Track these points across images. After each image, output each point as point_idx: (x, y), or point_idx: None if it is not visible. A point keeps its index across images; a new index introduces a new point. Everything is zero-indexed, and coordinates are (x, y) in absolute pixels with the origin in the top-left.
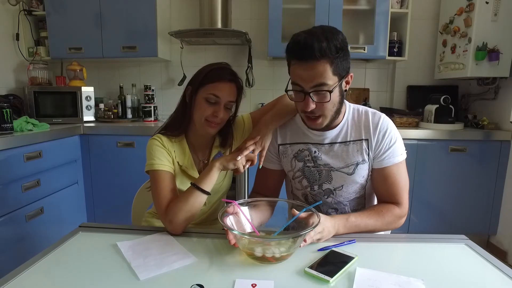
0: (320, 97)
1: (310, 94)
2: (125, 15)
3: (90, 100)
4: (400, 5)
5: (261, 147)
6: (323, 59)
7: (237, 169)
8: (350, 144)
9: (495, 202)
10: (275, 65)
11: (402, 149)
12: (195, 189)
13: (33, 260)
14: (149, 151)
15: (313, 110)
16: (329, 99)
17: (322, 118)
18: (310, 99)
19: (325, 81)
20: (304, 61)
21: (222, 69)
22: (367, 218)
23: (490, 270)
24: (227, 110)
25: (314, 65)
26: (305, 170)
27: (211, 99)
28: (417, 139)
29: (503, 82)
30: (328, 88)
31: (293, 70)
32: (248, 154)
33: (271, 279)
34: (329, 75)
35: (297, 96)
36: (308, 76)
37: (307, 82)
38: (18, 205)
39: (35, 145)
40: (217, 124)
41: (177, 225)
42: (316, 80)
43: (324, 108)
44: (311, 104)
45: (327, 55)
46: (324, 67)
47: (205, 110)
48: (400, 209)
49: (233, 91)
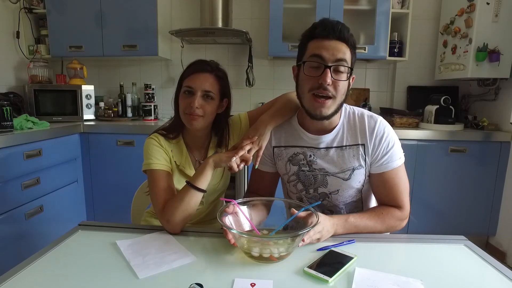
0: (338, 74)
1: (331, 68)
2: (126, 14)
3: (90, 98)
4: (401, 5)
5: (258, 146)
6: (347, 44)
7: (231, 168)
8: (346, 149)
9: (495, 203)
10: (276, 65)
11: (400, 152)
12: (190, 188)
13: (33, 258)
14: (146, 150)
15: (327, 88)
16: (346, 79)
17: (332, 101)
18: (329, 73)
19: (347, 59)
20: (331, 37)
21: (198, 62)
22: (367, 220)
23: (489, 271)
24: (208, 100)
25: (339, 43)
26: (300, 174)
27: (187, 90)
28: (417, 139)
29: (504, 83)
30: (349, 65)
31: (315, 43)
32: (243, 154)
33: (270, 279)
34: (348, 57)
35: (315, 70)
36: (333, 50)
37: (330, 54)
38: (18, 203)
39: (35, 143)
40: (198, 116)
41: (175, 224)
42: (340, 55)
43: (338, 89)
44: (328, 79)
45: (350, 43)
46: (346, 49)
47: (183, 103)
48: (401, 212)
49: (209, 81)
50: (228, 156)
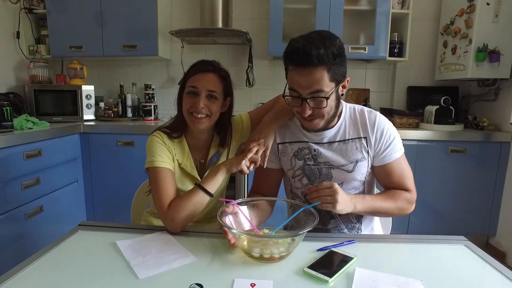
0: (317, 103)
1: (307, 100)
2: (126, 14)
3: (90, 98)
4: (401, 5)
5: (265, 147)
6: (321, 66)
7: (242, 171)
8: (349, 142)
9: (495, 203)
10: (276, 65)
11: (401, 143)
12: (200, 190)
13: (32, 258)
14: (150, 147)
15: (310, 113)
16: (326, 105)
17: (319, 120)
18: (307, 105)
19: (322, 88)
20: (302, 67)
21: (201, 62)
22: (381, 201)
23: (489, 271)
24: (213, 100)
25: (311, 72)
26: (306, 168)
27: (191, 91)
28: (417, 140)
29: (504, 84)
30: (325, 95)
31: (291, 76)
32: (252, 156)
33: (270, 279)
34: (326, 82)
35: (294, 101)
36: (306, 83)
37: (304, 88)
38: (18, 203)
39: (35, 143)
40: (204, 116)
41: (178, 223)
42: (314, 87)
43: (321, 112)
44: (307, 110)
45: (324, 62)
46: (321, 74)
47: (188, 103)
48: (410, 194)
49: (213, 80)
50: (238, 160)
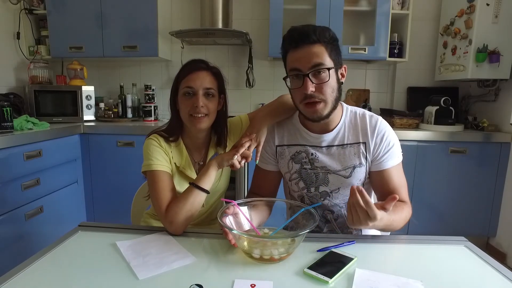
0: (319, 78)
1: (309, 75)
2: (126, 15)
3: (91, 99)
4: (401, 6)
5: (257, 142)
6: (319, 43)
7: (233, 165)
8: (347, 147)
9: (495, 204)
10: (276, 66)
11: (400, 151)
12: (194, 188)
13: (32, 259)
14: (146, 151)
15: (313, 94)
16: (328, 79)
17: (323, 104)
18: (309, 81)
19: (323, 61)
20: (301, 45)
21: (192, 62)
22: (395, 214)
23: (489, 272)
24: (210, 98)
25: (311, 47)
26: (302, 172)
27: (187, 91)
28: (417, 140)
29: (504, 84)
30: (326, 66)
31: (290, 57)
32: (243, 151)
33: (270, 280)
34: (325, 57)
35: (296, 82)
36: (306, 57)
37: (305, 63)
38: (18, 204)
39: (35, 144)
40: (204, 115)
41: (178, 225)
42: (314, 60)
43: (324, 92)
44: (310, 86)
45: (322, 40)
46: (320, 49)
47: (186, 105)
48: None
49: (208, 78)
50: (229, 154)
